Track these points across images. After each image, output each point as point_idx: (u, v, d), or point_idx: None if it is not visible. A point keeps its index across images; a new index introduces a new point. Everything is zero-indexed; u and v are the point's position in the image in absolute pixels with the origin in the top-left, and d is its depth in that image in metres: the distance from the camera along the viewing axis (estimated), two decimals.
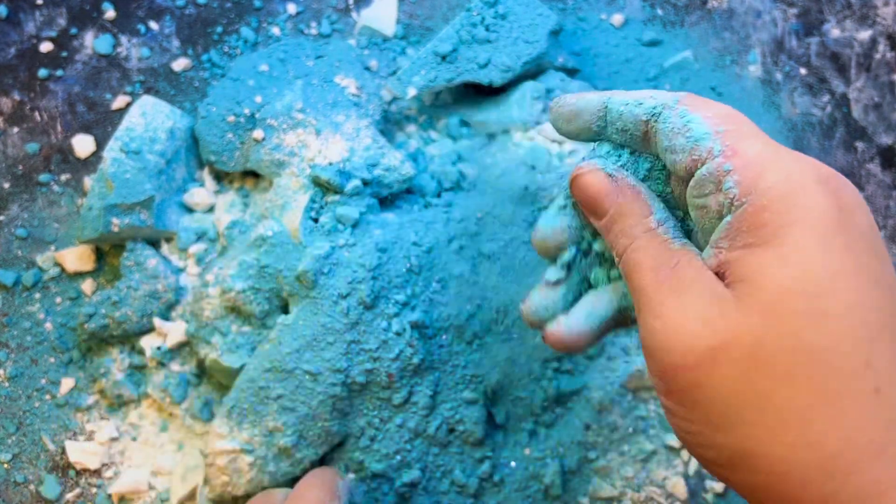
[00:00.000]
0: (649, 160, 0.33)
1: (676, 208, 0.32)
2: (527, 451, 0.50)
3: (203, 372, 0.52)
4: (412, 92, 0.54)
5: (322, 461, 0.48)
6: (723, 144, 0.27)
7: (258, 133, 0.52)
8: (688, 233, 0.32)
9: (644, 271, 0.29)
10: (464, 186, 0.53)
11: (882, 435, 0.24)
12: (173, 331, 0.51)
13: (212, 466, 0.47)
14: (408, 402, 0.47)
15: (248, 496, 0.48)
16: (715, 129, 0.28)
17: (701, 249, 0.29)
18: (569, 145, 0.53)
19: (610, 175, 0.32)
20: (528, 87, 0.53)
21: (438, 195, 0.53)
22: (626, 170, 0.33)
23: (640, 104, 0.31)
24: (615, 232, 0.31)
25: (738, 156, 0.27)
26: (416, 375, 0.47)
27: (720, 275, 0.27)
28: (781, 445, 0.25)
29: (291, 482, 0.48)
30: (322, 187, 0.49)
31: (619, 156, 0.33)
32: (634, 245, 0.30)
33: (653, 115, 0.31)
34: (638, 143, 0.32)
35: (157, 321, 0.51)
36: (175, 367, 0.51)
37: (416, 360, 0.47)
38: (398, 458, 0.47)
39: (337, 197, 0.49)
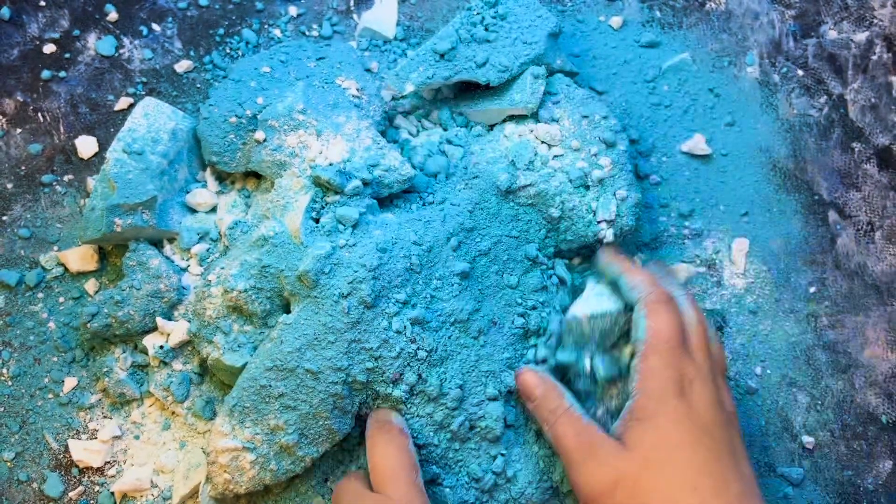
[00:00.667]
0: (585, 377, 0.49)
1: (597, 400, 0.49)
2: (535, 449, 0.50)
3: (205, 371, 0.52)
4: (409, 88, 0.54)
5: (322, 459, 0.49)
6: (643, 351, 0.46)
7: (259, 134, 0.52)
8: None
9: (569, 438, 0.46)
10: (450, 171, 0.53)
11: None
12: (176, 330, 0.51)
13: (214, 464, 0.47)
14: (436, 396, 0.48)
15: (249, 494, 0.48)
16: (647, 336, 0.47)
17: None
18: (556, 150, 0.53)
19: (539, 375, 0.49)
20: (530, 71, 0.54)
21: (428, 189, 0.53)
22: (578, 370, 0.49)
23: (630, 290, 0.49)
24: (543, 410, 0.48)
25: (644, 362, 0.46)
26: (431, 367, 0.48)
27: (620, 436, 0.45)
28: None
29: (293, 480, 0.49)
30: (323, 188, 0.50)
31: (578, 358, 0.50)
32: (560, 420, 0.46)
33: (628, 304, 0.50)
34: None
35: (159, 320, 0.51)
36: (177, 366, 0.52)
37: (421, 355, 0.47)
38: (423, 452, 0.48)
39: (337, 197, 0.49)
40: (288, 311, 0.49)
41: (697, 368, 0.46)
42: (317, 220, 0.49)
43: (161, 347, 0.51)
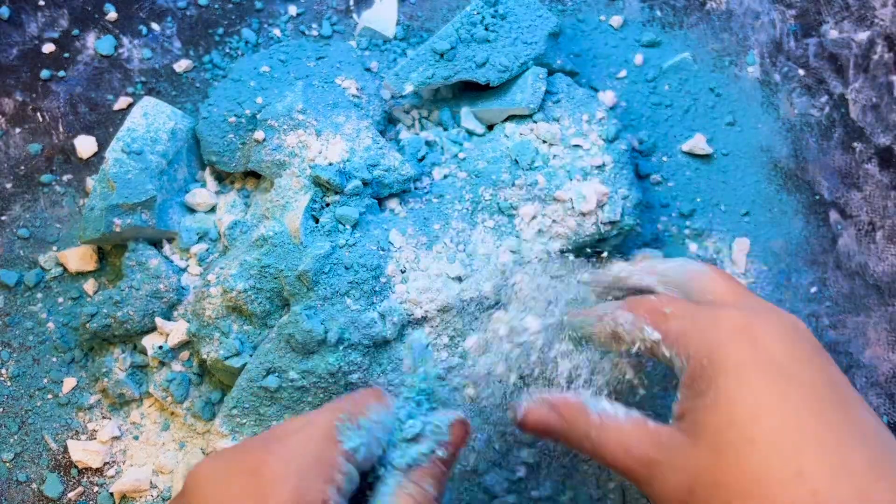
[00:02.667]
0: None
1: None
2: None
3: (204, 371, 0.52)
4: (409, 88, 0.54)
5: None
6: (656, 330, 0.36)
7: (259, 134, 0.52)
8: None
9: (620, 457, 0.35)
10: (450, 170, 0.53)
11: None
12: (175, 330, 0.51)
13: None
14: None
15: None
16: (644, 325, 0.36)
17: None
18: (557, 149, 0.53)
19: (539, 404, 0.39)
20: (531, 71, 0.54)
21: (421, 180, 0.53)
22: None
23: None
24: (573, 440, 0.38)
25: (667, 335, 0.35)
26: None
27: (682, 418, 0.34)
28: None
29: None
30: (322, 187, 0.49)
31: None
32: (600, 442, 0.36)
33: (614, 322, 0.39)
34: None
35: (158, 321, 0.51)
36: (177, 366, 0.52)
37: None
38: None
39: (337, 197, 0.49)
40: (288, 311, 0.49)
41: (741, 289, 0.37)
42: (317, 220, 0.49)
43: (160, 348, 0.51)
